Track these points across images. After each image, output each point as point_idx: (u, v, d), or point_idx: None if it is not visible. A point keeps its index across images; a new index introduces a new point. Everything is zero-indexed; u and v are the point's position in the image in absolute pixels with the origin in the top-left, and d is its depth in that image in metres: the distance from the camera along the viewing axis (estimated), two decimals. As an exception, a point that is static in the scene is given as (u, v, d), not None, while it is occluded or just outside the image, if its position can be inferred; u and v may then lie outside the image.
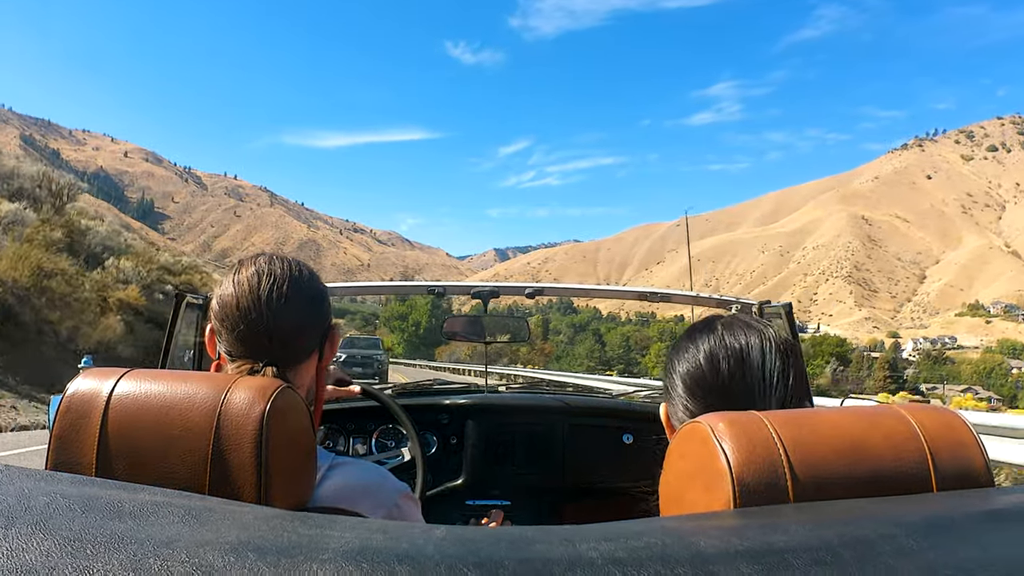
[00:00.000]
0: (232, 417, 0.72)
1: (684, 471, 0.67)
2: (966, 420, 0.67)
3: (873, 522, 0.49)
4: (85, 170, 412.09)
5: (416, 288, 2.45)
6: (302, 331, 0.99)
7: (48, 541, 0.40)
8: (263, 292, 0.96)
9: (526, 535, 0.45)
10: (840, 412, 0.68)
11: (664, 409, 0.95)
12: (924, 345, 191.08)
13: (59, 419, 0.74)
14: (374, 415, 2.21)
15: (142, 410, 0.73)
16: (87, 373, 0.77)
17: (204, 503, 0.50)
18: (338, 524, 0.46)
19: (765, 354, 0.85)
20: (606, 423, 2.32)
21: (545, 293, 2.39)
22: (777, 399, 0.83)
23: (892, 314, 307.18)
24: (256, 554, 0.40)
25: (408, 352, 72.85)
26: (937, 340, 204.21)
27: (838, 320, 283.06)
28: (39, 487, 0.49)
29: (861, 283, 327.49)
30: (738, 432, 0.62)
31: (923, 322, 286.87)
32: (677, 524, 0.53)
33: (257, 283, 0.97)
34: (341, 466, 0.97)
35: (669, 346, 0.99)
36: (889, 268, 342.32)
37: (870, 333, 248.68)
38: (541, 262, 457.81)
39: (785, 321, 1.93)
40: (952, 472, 0.63)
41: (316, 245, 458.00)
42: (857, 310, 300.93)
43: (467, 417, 2.29)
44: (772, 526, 0.49)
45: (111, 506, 0.46)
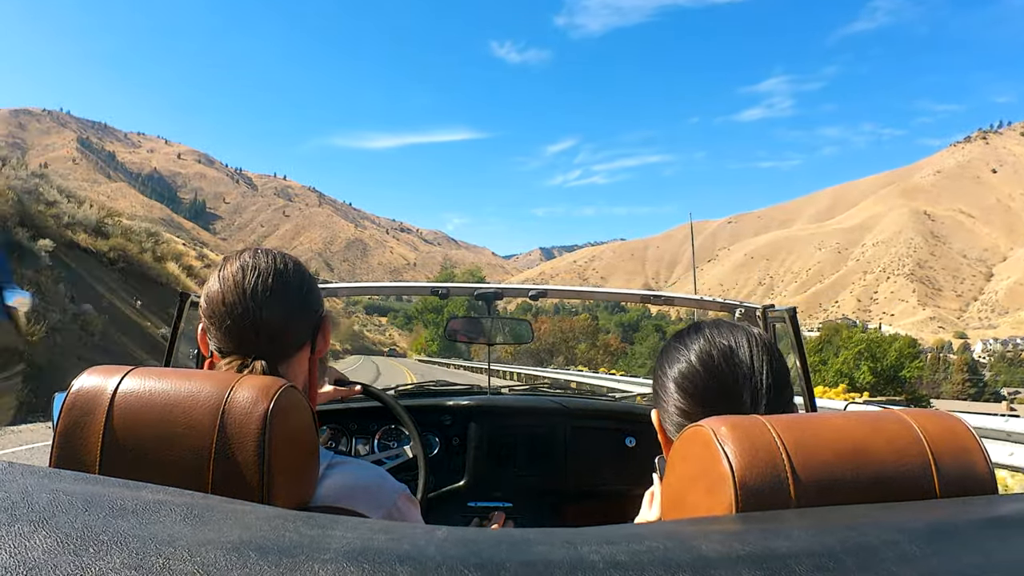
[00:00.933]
0: (235, 415, 0.72)
1: (686, 474, 0.67)
2: (969, 425, 0.67)
3: (876, 528, 0.48)
4: (139, 172, 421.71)
5: (420, 288, 2.44)
6: (290, 323, 0.98)
7: (51, 538, 0.40)
8: (247, 286, 0.96)
9: (528, 537, 0.45)
10: (843, 416, 0.68)
11: (656, 415, 0.97)
12: (995, 346, 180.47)
13: (63, 416, 0.74)
14: (376, 415, 2.21)
15: (146, 408, 0.73)
16: (92, 371, 0.78)
17: (206, 501, 0.50)
18: (340, 524, 0.46)
19: (752, 350, 0.89)
20: (608, 425, 2.32)
21: (549, 295, 2.39)
22: (766, 393, 0.87)
23: (958, 314, 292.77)
24: (258, 553, 0.39)
25: (444, 350, 67.89)
26: (1008, 341, 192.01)
27: (900, 320, 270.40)
28: (42, 484, 0.49)
29: (924, 281, 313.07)
30: (740, 436, 0.62)
31: (991, 322, 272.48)
32: (679, 528, 0.52)
33: (242, 277, 0.97)
34: (340, 465, 0.97)
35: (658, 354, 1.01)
36: (954, 265, 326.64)
37: (935, 333, 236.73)
38: (587, 260, 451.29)
39: (789, 325, 1.91)
40: (955, 477, 0.63)
41: (363, 244, 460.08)
42: (920, 309, 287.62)
43: (469, 418, 2.29)
44: (774, 531, 0.49)
45: (113, 504, 0.46)
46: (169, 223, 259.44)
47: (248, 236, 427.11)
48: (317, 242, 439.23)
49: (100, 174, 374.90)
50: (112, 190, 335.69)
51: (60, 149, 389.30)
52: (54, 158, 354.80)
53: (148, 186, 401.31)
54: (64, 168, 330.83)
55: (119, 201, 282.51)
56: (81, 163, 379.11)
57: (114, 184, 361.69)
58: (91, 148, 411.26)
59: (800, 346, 1.89)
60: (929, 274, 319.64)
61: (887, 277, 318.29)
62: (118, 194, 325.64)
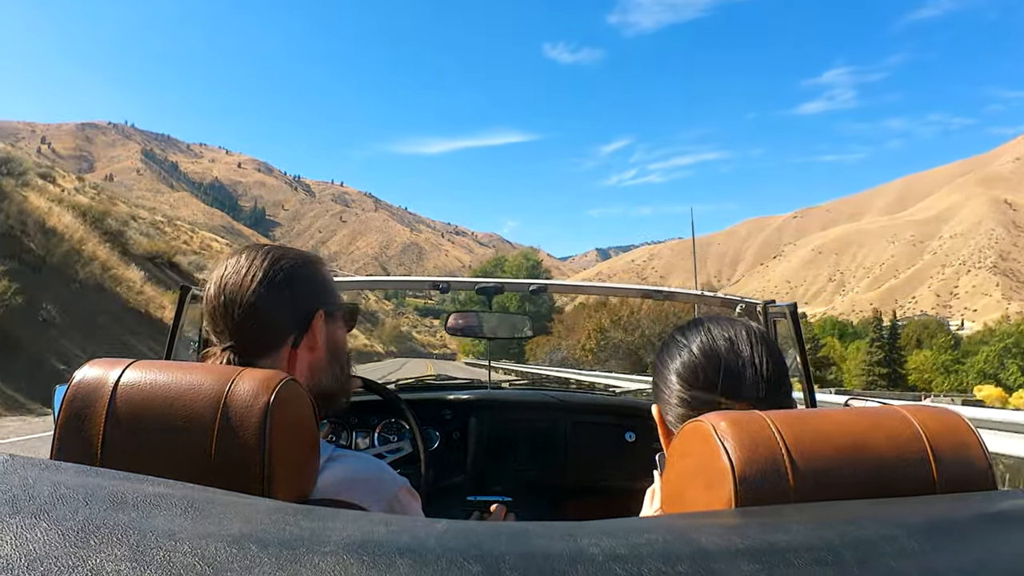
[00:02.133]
0: (236, 408, 0.72)
1: (685, 469, 0.67)
2: (968, 421, 0.67)
3: (875, 523, 0.48)
4: (201, 181, 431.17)
5: (422, 283, 2.50)
6: (265, 316, 0.98)
7: (52, 530, 0.40)
8: (227, 279, 0.99)
9: (527, 529, 0.45)
10: (843, 412, 0.68)
11: (656, 409, 0.99)
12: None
13: (64, 408, 0.74)
14: (377, 409, 2.20)
15: (147, 400, 0.73)
16: (93, 363, 0.78)
17: (207, 494, 0.50)
18: (340, 517, 0.46)
19: (751, 342, 0.92)
20: (608, 420, 2.32)
21: (549, 290, 2.38)
22: (765, 383, 0.89)
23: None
24: (258, 546, 0.39)
25: (493, 351, 61.22)
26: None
27: (984, 315, 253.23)
28: (43, 476, 0.49)
29: (1008, 274, 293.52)
30: (740, 431, 0.62)
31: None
32: (678, 521, 0.53)
33: (231, 271, 1.00)
34: (340, 458, 0.97)
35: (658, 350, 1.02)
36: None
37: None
38: (646, 259, 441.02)
39: (790, 321, 1.92)
40: (954, 473, 0.63)
41: (418, 248, 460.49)
42: (1005, 303, 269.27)
43: (470, 413, 2.28)
44: (773, 525, 0.49)
45: (114, 496, 0.46)
46: (230, 230, 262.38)
47: (306, 242, 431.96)
48: (373, 246, 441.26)
49: (163, 184, 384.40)
50: (175, 199, 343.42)
51: (125, 161, 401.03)
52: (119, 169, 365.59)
53: (210, 195, 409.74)
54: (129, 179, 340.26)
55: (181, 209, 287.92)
56: (145, 174, 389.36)
57: (176, 193, 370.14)
58: (154, 159, 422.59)
59: (801, 342, 1.90)
60: (1013, 266, 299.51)
61: (967, 270, 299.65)
62: (180, 203, 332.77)
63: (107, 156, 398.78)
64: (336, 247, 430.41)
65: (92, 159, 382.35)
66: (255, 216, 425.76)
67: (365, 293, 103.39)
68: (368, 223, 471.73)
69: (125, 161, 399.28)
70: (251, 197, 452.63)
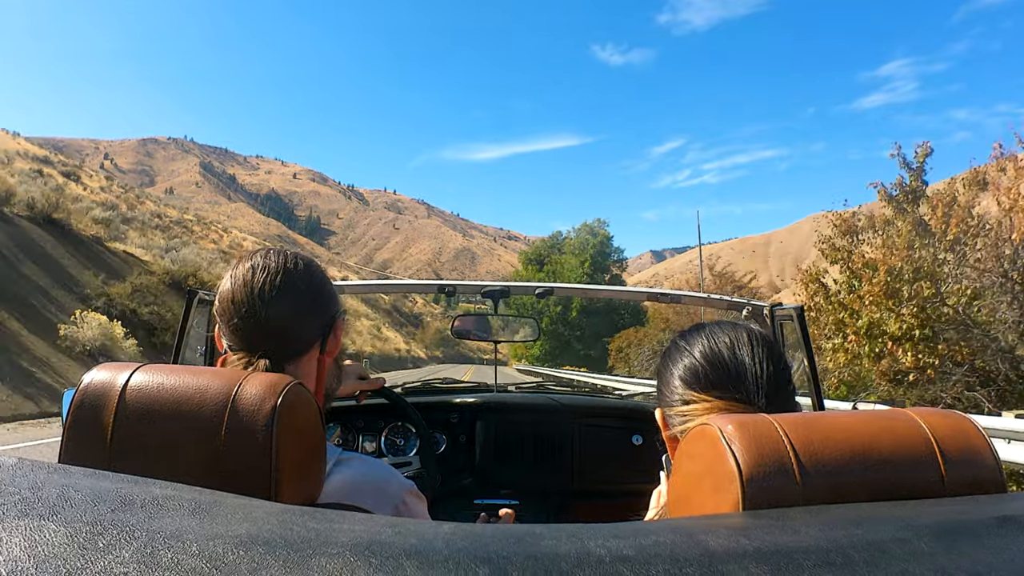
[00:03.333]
0: (243, 412, 0.72)
1: (692, 472, 0.67)
2: (977, 424, 0.67)
3: (884, 525, 0.48)
4: (258, 192, 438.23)
5: (428, 287, 2.48)
6: (296, 323, 0.99)
7: (60, 532, 0.41)
8: (255, 285, 0.97)
9: (534, 532, 0.44)
10: (851, 416, 0.67)
11: (659, 413, 1.00)
12: None
13: (73, 412, 0.74)
14: (384, 413, 2.21)
15: (155, 403, 0.74)
16: (101, 367, 0.78)
17: (214, 497, 0.50)
18: (347, 519, 0.46)
19: (753, 344, 0.92)
20: (615, 424, 2.32)
21: (556, 293, 2.38)
22: (766, 384, 0.89)
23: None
24: (265, 548, 0.40)
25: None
26: None
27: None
28: (51, 479, 0.49)
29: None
30: (747, 434, 0.62)
31: None
32: (686, 524, 0.52)
33: (251, 276, 0.98)
34: (347, 462, 0.98)
35: (660, 353, 1.04)
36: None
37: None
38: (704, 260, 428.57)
39: (796, 324, 1.90)
40: (963, 476, 0.62)
41: (471, 253, 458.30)
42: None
43: (476, 416, 2.29)
44: (782, 527, 0.48)
45: (122, 499, 0.47)
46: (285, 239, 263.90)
47: (360, 250, 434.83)
48: (427, 252, 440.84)
49: (221, 195, 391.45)
50: (232, 210, 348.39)
51: (184, 174, 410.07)
52: (178, 182, 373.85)
53: (266, 205, 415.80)
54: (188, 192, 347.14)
55: (238, 220, 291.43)
56: (203, 186, 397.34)
57: (233, 204, 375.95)
58: (212, 171, 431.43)
59: (808, 344, 1.87)
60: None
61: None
62: (237, 213, 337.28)
63: (167, 170, 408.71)
64: (389, 254, 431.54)
65: (152, 173, 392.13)
66: (310, 226, 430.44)
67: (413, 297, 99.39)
68: (421, 230, 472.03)
69: (184, 175, 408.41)
70: (306, 207, 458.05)
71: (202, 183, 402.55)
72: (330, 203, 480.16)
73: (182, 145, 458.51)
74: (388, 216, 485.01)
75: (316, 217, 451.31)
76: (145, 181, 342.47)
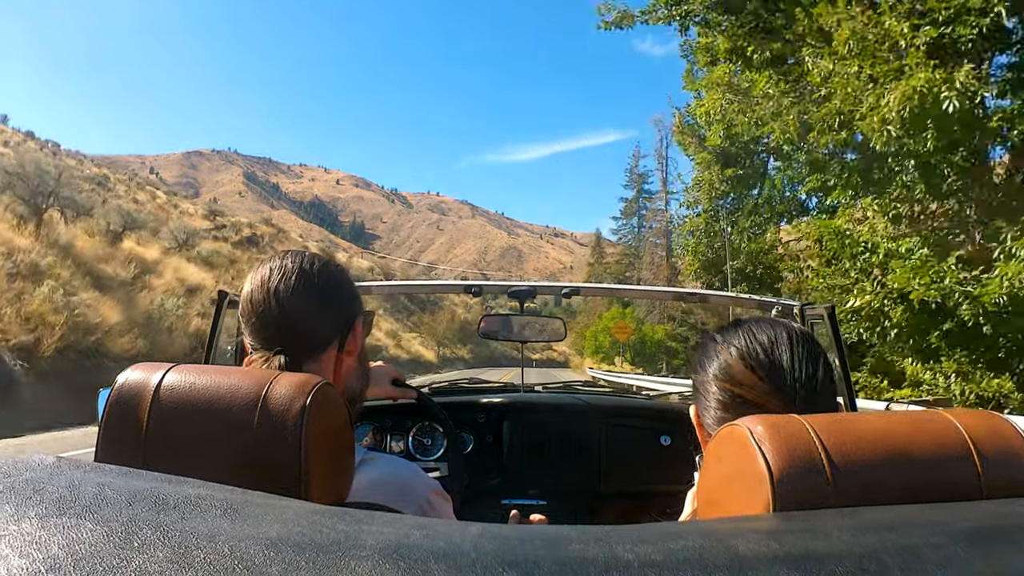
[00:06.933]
0: (272, 411, 0.73)
1: (722, 474, 0.66)
2: (1016, 426, 0.65)
3: (919, 529, 0.48)
4: (302, 200, 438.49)
5: (454, 287, 2.44)
6: (310, 320, 1.01)
7: (97, 531, 0.41)
8: (271, 284, 1.00)
9: (562, 534, 0.45)
10: (884, 416, 0.66)
11: (694, 410, 0.98)
12: None
13: (108, 411, 0.75)
14: (411, 413, 2.22)
15: (188, 403, 0.75)
16: (136, 367, 0.79)
17: (244, 497, 0.50)
18: (376, 520, 0.47)
19: (793, 344, 0.89)
20: (643, 424, 2.31)
21: (581, 293, 2.39)
22: (805, 385, 0.87)
23: None
24: (295, 550, 0.40)
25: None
26: None
27: None
28: (88, 478, 0.50)
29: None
30: (778, 435, 0.61)
31: None
32: (715, 527, 0.51)
33: (268, 277, 1.01)
34: (372, 461, 0.99)
35: (695, 349, 1.02)
36: None
37: None
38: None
39: (828, 324, 1.88)
40: (1001, 479, 0.61)
41: (517, 251, 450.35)
42: None
43: (503, 416, 2.29)
44: (813, 531, 0.47)
45: (156, 498, 0.47)
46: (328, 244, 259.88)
47: (405, 252, 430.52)
48: (472, 252, 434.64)
49: (264, 204, 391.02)
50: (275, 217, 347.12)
51: (228, 184, 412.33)
52: (223, 192, 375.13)
53: (311, 212, 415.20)
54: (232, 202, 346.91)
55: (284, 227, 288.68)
56: (247, 196, 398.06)
57: (276, 212, 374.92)
58: (256, 181, 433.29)
59: (840, 345, 1.87)
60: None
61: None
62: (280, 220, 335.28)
63: (211, 181, 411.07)
64: (434, 255, 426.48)
65: (197, 185, 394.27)
66: (355, 231, 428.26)
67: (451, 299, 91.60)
68: (466, 230, 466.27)
69: (228, 185, 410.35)
70: (350, 212, 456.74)
71: (246, 192, 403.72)
72: (374, 207, 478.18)
73: (226, 156, 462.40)
74: (432, 218, 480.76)
75: (360, 222, 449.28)
76: (190, 192, 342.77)
